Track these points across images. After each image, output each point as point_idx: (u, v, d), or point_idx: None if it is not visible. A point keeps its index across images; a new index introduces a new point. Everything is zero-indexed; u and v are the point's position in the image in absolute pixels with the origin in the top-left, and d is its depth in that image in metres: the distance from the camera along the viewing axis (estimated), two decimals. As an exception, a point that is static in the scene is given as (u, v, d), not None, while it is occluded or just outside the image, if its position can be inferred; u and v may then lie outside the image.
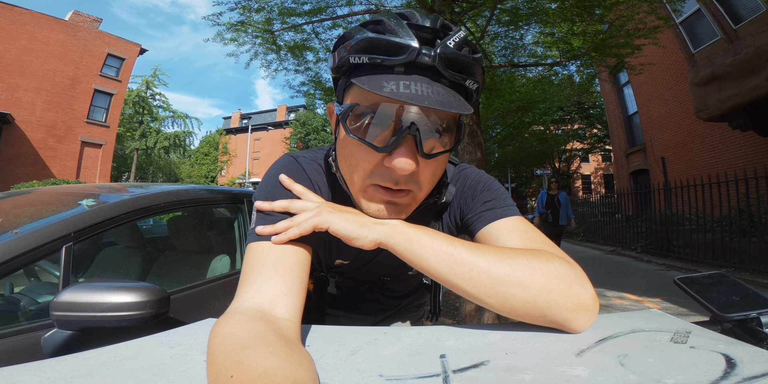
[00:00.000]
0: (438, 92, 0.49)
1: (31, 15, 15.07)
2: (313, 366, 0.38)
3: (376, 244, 0.54)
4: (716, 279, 0.69)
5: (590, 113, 19.53)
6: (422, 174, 0.55)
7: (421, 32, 0.51)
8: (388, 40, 0.50)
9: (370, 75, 0.51)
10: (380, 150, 0.52)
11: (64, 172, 15.49)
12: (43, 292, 1.41)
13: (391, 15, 0.53)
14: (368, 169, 0.54)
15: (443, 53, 0.50)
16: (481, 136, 3.40)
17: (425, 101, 0.47)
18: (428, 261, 0.51)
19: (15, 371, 0.39)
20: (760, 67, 5.61)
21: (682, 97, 8.88)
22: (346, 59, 0.53)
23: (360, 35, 0.52)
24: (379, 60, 0.50)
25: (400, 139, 0.50)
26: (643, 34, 3.91)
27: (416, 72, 0.51)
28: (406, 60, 0.49)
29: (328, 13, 3.91)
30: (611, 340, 0.45)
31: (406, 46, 0.49)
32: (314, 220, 0.54)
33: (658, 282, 5.27)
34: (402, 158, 0.51)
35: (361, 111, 0.52)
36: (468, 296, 0.51)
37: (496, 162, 16.45)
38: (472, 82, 0.54)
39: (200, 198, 1.97)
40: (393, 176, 0.53)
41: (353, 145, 0.55)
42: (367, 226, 0.54)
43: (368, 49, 0.51)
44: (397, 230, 0.54)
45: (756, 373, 0.34)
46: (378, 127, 0.52)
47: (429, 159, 0.53)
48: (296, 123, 34.55)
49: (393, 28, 0.51)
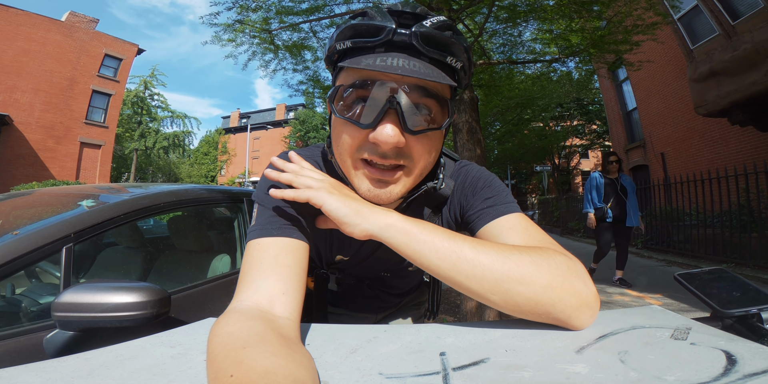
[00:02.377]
0: (415, 65, 0.52)
1: (27, 16, 15.03)
2: (312, 365, 0.38)
3: (366, 235, 0.53)
4: (717, 275, 0.69)
5: (589, 109, 19.50)
6: (413, 149, 0.56)
7: (402, 18, 0.54)
8: (368, 23, 0.53)
9: (353, 57, 0.55)
10: (364, 126, 0.53)
11: (64, 173, 15.49)
12: (44, 293, 1.41)
13: (376, 7, 0.56)
14: (355, 145, 0.56)
15: (419, 31, 0.52)
16: (481, 133, 3.40)
17: (399, 70, 0.49)
18: (428, 257, 0.51)
19: (17, 372, 0.39)
20: (759, 63, 5.60)
21: (681, 92, 8.86)
22: (334, 47, 0.56)
23: (345, 25, 0.56)
24: (360, 43, 0.53)
25: (382, 113, 0.52)
26: (641, 30, 3.90)
27: (395, 50, 0.53)
28: (384, 39, 0.52)
29: (325, 12, 3.90)
30: (611, 337, 0.45)
31: (383, 26, 0.52)
32: (311, 193, 0.54)
33: (659, 278, 5.28)
34: (384, 131, 0.52)
35: (346, 90, 0.55)
36: (471, 293, 0.50)
37: (496, 159, 16.44)
38: (453, 60, 0.55)
39: (200, 197, 1.97)
40: (380, 150, 0.54)
41: (341, 124, 0.57)
42: (362, 214, 0.53)
43: (352, 35, 0.55)
44: (394, 224, 0.53)
45: (757, 370, 0.34)
46: (362, 105, 0.53)
47: (415, 135, 0.54)
48: (295, 122, 34.51)
49: (374, 15, 0.54)
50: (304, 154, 0.72)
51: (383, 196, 0.57)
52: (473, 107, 3.37)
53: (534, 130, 16.92)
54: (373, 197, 0.58)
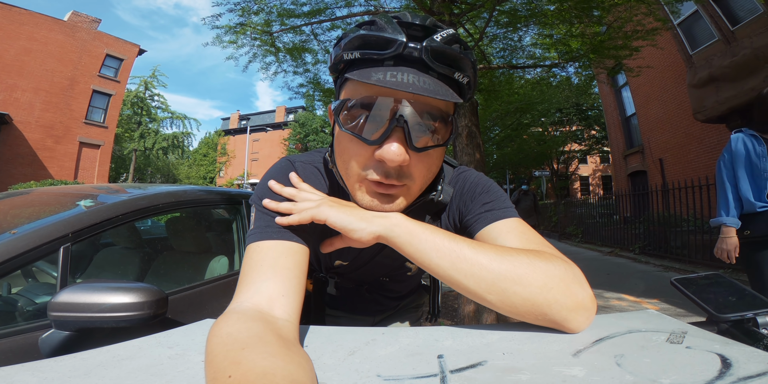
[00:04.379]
0: (425, 82, 0.51)
1: (30, 15, 15.05)
2: (311, 366, 0.38)
3: (375, 236, 0.54)
4: (713, 280, 0.70)
5: (588, 115, 19.57)
6: (415, 168, 0.56)
7: (411, 30, 0.54)
8: (378, 35, 0.52)
9: (361, 69, 0.54)
10: (370, 143, 0.53)
11: (62, 173, 15.45)
12: (40, 292, 1.40)
13: (385, 16, 0.55)
14: (361, 162, 0.55)
15: (429, 46, 0.52)
16: (480, 138, 3.41)
17: (410, 88, 0.49)
18: (429, 256, 0.52)
19: (13, 371, 0.39)
20: (758, 69, 5.63)
21: (680, 98, 8.90)
22: (341, 57, 0.56)
23: (353, 34, 0.55)
24: (369, 55, 0.53)
25: (389, 131, 0.52)
26: (641, 35, 3.92)
27: (405, 64, 0.53)
28: (394, 53, 0.52)
29: (327, 15, 3.92)
30: (608, 341, 0.45)
31: (394, 40, 0.51)
32: (313, 212, 0.56)
33: (656, 283, 5.28)
34: (390, 149, 0.52)
35: (353, 104, 0.54)
36: (468, 293, 0.51)
37: (495, 163, 16.45)
38: (461, 76, 0.55)
39: (198, 199, 1.97)
40: (384, 169, 0.54)
41: (347, 139, 0.56)
42: (367, 218, 0.55)
43: (360, 46, 0.54)
44: (398, 224, 0.54)
45: (751, 373, 0.35)
46: (369, 121, 0.53)
47: (420, 152, 0.54)
48: (295, 124, 34.55)
49: (384, 26, 0.54)
50: (306, 159, 0.72)
51: (385, 207, 0.58)
52: (473, 112, 3.38)
53: (533, 135, 16.95)
54: (374, 207, 0.58)
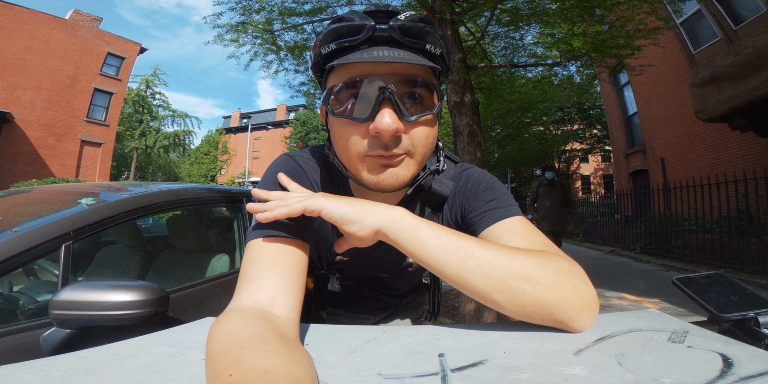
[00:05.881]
0: (399, 53, 0.54)
1: (32, 14, 15.06)
2: (311, 365, 0.38)
3: (374, 230, 0.52)
4: (714, 279, 0.70)
5: (590, 114, 19.51)
6: (412, 135, 0.57)
7: (377, 17, 0.57)
8: (348, 24, 0.55)
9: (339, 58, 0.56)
10: (363, 120, 0.55)
11: (64, 171, 15.48)
12: (42, 290, 1.41)
13: (351, 11, 0.59)
14: (359, 142, 0.56)
15: (396, 24, 0.55)
16: (481, 136, 3.40)
17: (386, 58, 0.52)
18: (436, 252, 0.50)
19: (14, 369, 0.39)
20: (761, 68, 5.60)
21: (682, 97, 8.87)
22: (319, 52, 0.58)
23: (326, 30, 0.58)
24: (344, 42, 0.56)
25: (378, 105, 0.53)
26: (643, 34, 3.91)
27: (378, 44, 0.56)
28: (366, 36, 0.55)
29: (328, 13, 3.92)
30: (609, 340, 0.45)
31: (363, 25, 0.55)
32: (305, 203, 0.53)
33: (657, 282, 5.27)
34: (383, 120, 0.53)
35: (339, 88, 0.57)
36: (476, 292, 0.50)
37: (496, 162, 16.42)
38: (432, 47, 0.57)
39: (200, 197, 1.97)
40: (382, 142, 0.55)
41: (341, 124, 0.58)
42: (367, 209, 0.53)
43: (335, 38, 0.57)
44: (402, 217, 0.52)
45: (753, 373, 0.34)
46: (358, 102, 0.55)
47: (412, 120, 0.55)
48: (296, 122, 34.52)
49: (351, 17, 0.57)
50: (305, 155, 0.72)
51: (390, 178, 0.57)
52: (474, 110, 3.38)
53: (534, 133, 16.91)
54: (380, 182, 0.57)
